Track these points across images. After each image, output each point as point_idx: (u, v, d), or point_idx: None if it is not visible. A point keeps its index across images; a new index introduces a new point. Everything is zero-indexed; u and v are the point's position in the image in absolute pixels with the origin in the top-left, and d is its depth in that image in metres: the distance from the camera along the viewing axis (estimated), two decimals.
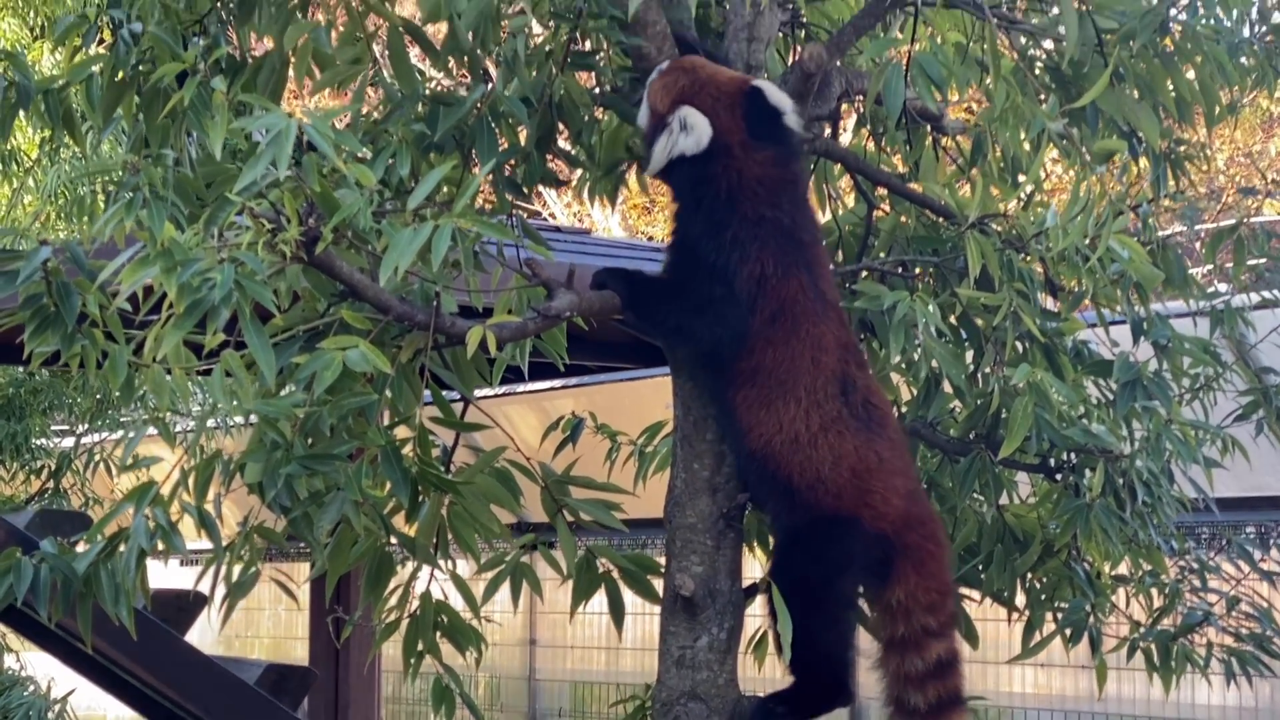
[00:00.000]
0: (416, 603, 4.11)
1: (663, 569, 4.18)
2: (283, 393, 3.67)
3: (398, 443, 3.73)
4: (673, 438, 4.22)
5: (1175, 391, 4.38)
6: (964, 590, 4.51)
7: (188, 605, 7.17)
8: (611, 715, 13.00)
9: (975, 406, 4.36)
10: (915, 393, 4.45)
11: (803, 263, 3.94)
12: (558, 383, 12.27)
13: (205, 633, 11.83)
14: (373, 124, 4.12)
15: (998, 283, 4.11)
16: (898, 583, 3.93)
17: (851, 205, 4.89)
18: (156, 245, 3.21)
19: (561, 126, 4.25)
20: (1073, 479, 4.27)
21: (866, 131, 4.77)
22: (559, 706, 15.07)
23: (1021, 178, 4.43)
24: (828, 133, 4.47)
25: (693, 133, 3.92)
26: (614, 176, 4.47)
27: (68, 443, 11.97)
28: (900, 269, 4.49)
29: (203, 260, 3.21)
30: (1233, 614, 4.64)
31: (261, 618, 17.20)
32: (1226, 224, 4.75)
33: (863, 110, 4.66)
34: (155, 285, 3.28)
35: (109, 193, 3.58)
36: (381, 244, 3.45)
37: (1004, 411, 4.18)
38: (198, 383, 3.64)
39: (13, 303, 3.51)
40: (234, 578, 3.76)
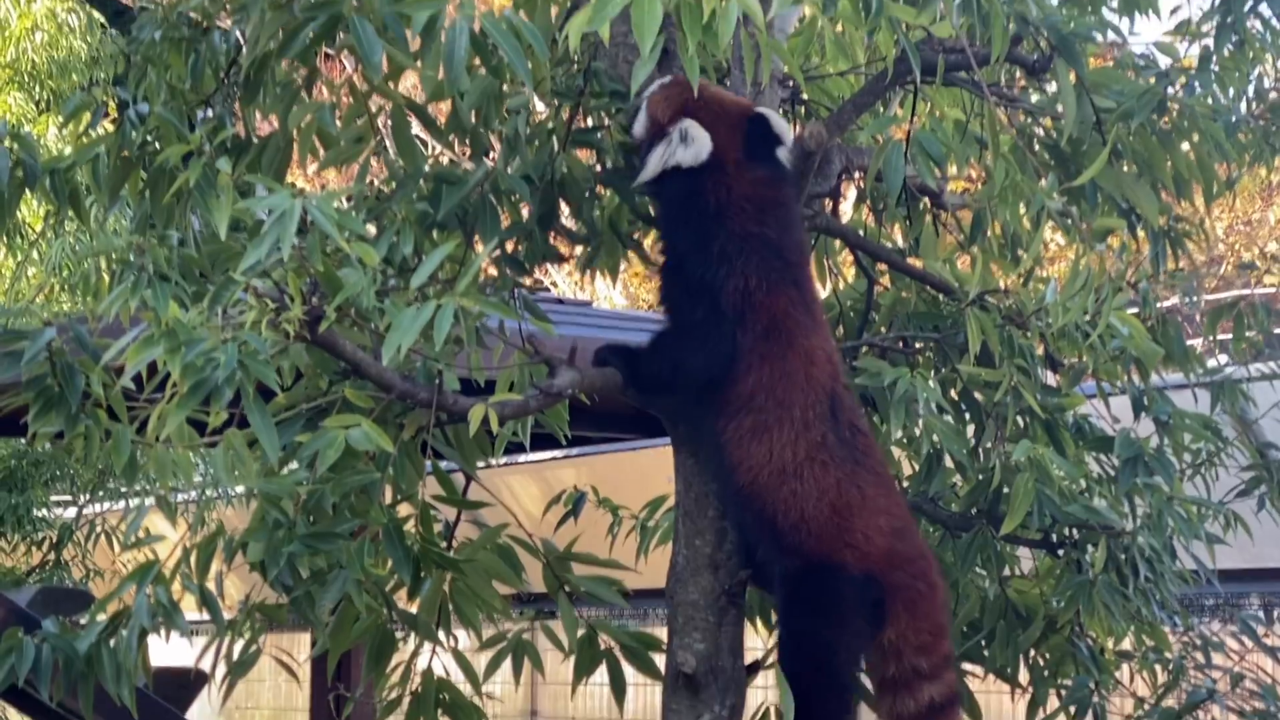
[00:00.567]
0: (418, 680, 4.10)
1: (664, 645, 4.17)
2: (285, 470, 3.68)
3: (400, 519, 3.73)
4: (675, 512, 4.23)
5: (1177, 467, 4.39)
6: (967, 666, 4.50)
7: (189, 683, 7.15)
8: None
9: (977, 482, 4.36)
10: (917, 468, 4.46)
11: (790, 279, 3.93)
12: (559, 453, 12.26)
13: (205, 705, 11.77)
14: (376, 200, 4.15)
15: (998, 359, 4.13)
16: (889, 623, 3.87)
17: (852, 280, 4.91)
18: (161, 325, 3.22)
19: (563, 203, 4.28)
20: (1075, 555, 4.27)
21: (867, 207, 4.81)
22: None
23: (1022, 254, 4.45)
24: (828, 209, 4.49)
25: (692, 145, 3.92)
26: (616, 251, 4.49)
27: (69, 513, 11.96)
28: (901, 345, 4.50)
29: (207, 340, 3.23)
30: (1237, 690, 4.63)
31: (262, 689, 17.11)
32: (1226, 297, 4.77)
33: (863, 186, 4.69)
34: (159, 364, 3.29)
35: (114, 270, 3.59)
36: (384, 322, 3.47)
37: (1005, 487, 4.18)
38: (201, 454, 3.65)
39: (16, 376, 3.53)
40: (235, 655, 3.76)
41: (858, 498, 3.88)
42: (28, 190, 4.02)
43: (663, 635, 4.21)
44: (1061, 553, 4.36)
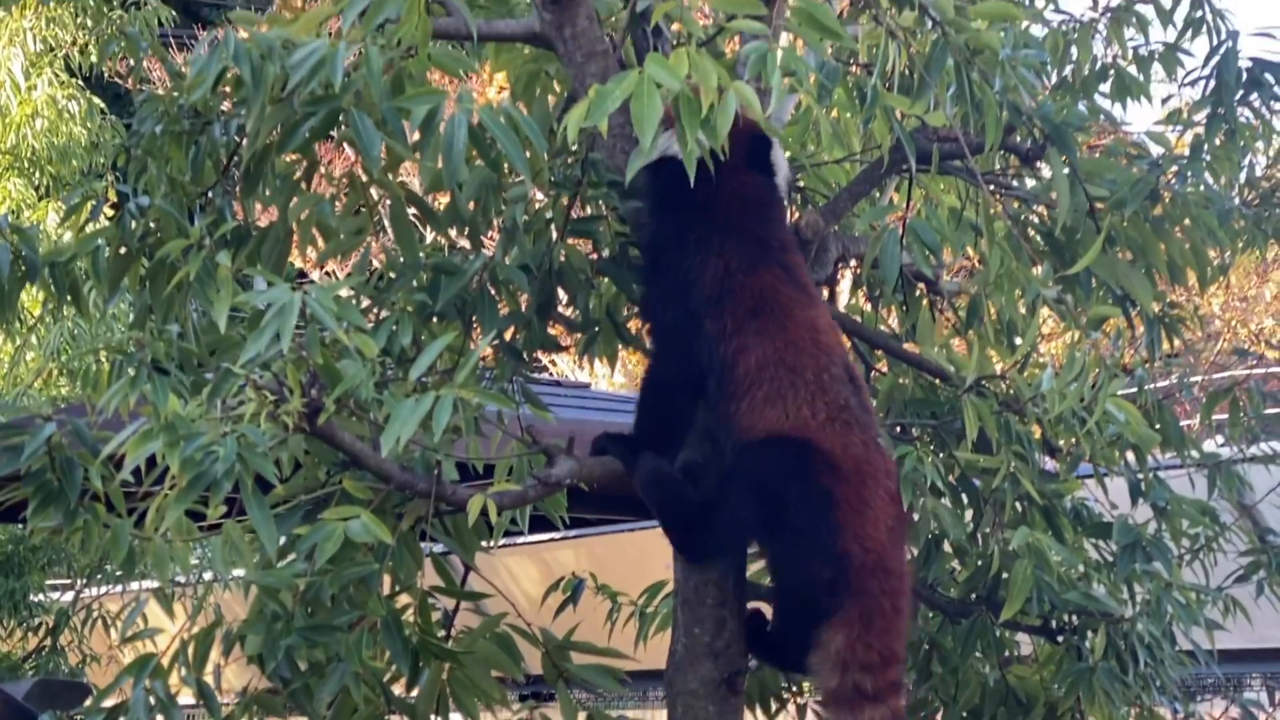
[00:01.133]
0: None
1: None
2: (284, 562, 3.68)
3: (398, 610, 3.73)
4: (673, 600, 4.22)
5: (1175, 553, 4.39)
6: None
7: None
8: None
9: (976, 568, 4.37)
10: (915, 553, 4.46)
11: (774, 261, 3.89)
12: (558, 535, 12.24)
13: None
14: (375, 290, 4.17)
15: (995, 445, 4.14)
16: (840, 626, 3.74)
17: None
18: (160, 419, 3.23)
19: (561, 292, 4.30)
20: (1075, 641, 4.26)
21: (863, 292, 4.83)
22: None
23: (1018, 340, 4.47)
24: (825, 296, 4.51)
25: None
26: (613, 340, 4.51)
27: (66, 598, 11.91)
28: (899, 430, 4.51)
29: (206, 434, 3.24)
30: None
31: None
32: (1222, 378, 4.79)
33: (859, 273, 4.71)
34: (158, 457, 3.30)
35: (113, 361, 3.61)
36: (383, 413, 3.48)
37: (1004, 573, 4.19)
38: (199, 539, 3.65)
39: (15, 469, 3.53)
40: None
41: (882, 471, 3.79)
42: (28, 283, 4.04)
43: None
44: (1061, 639, 4.35)
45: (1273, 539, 4.82)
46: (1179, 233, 4.31)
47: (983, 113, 3.81)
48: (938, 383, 4.53)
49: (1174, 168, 4.20)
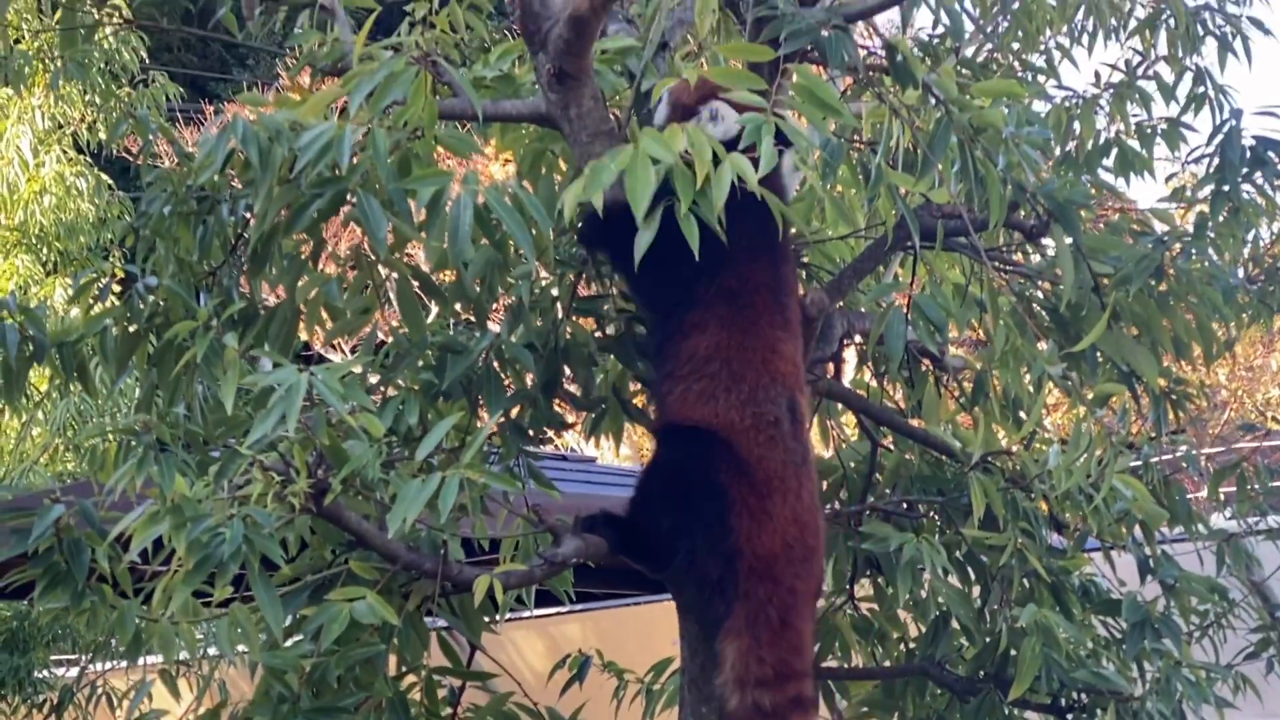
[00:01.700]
0: None
1: None
2: (290, 642, 3.67)
3: (404, 690, 3.71)
4: (680, 678, 4.20)
5: (1184, 630, 4.37)
6: None
7: None
8: None
9: (984, 645, 4.34)
10: (923, 630, 4.44)
11: (773, 260, 3.84)
12: (564, 609, 12.18)
13: None
14: (382, 367, 4.18)
15: (1002, 522, 4.13)
16: (730, 635, 3.73)
17: (855, 442, 4.93)
18: (167, 501, 3.24)
19: (567, 370, 4.31)
20: (1084, 719, 4.23)
21: (868, 368, 4.84)
22: None
23: (1023, 415, 4.47)
24: (830, 373, 4.52)
25: (721, 123, 3.87)
26: (619, 417, 4.51)
27: (71, 674, 11.85)
28: (905, 508, 4.51)
29: (212, 516, 3.24)
30: None
31: None
32: (1229, 450, 4.78)
33: (865, 349, 4.72)
34: (165, 539, 3.30)
35: (120, 441, 3.62)
36: (389, 493, 3.48)
37: (1013, 650, 4.16)
38: (205, 616, 3.64)
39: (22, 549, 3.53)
40: None
41: (792, 491, 3.77)
42: (36, 363, 4.05)
43: None
44: (1070, 717, 4.32)
45: None
46: (1184, 308, 4.32)
47: (986, 190, 3.82)
48: (944, 459, 4.53)
49: (1177, 245, 4.21)
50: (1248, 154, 4.31)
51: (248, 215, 4.00)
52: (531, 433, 4.30)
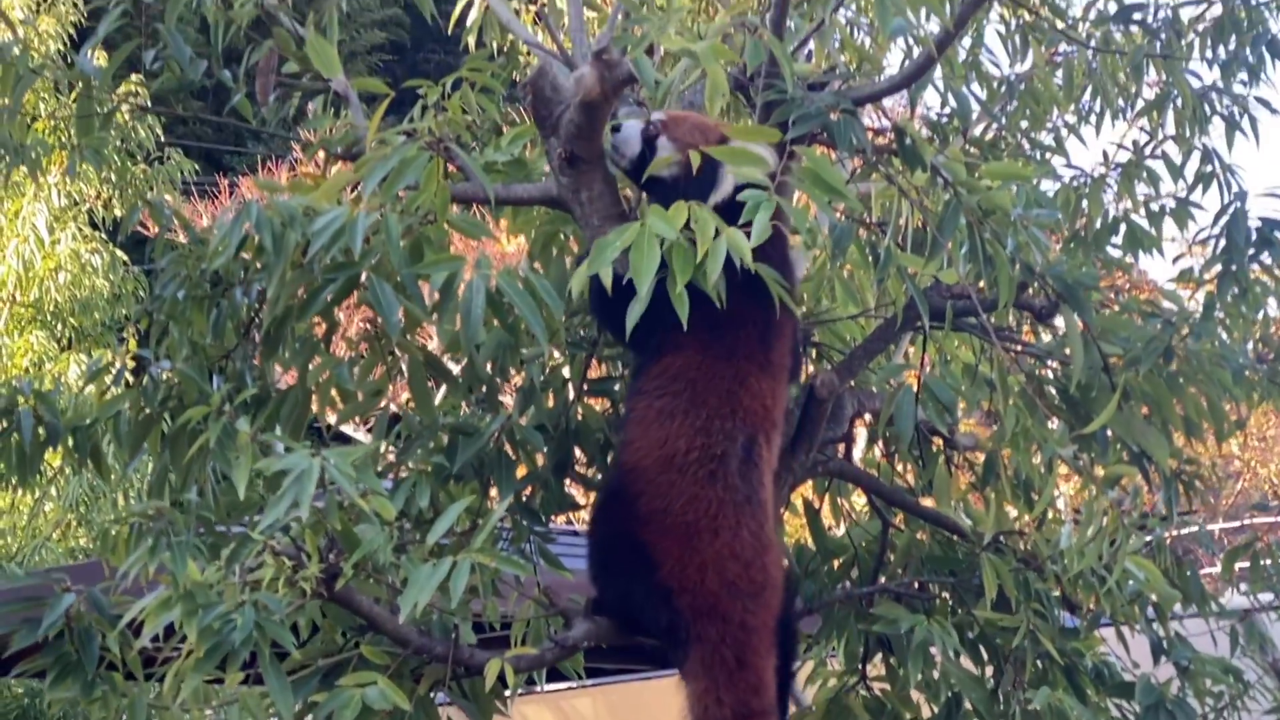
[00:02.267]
0: None
1: None
2: None
3: None
4: None
5: (1199, 712, 4.34)
6: None
7: None
8: None
9: None
10: (935, 711, 4.42)
11: (765, 306, 3.73)
12: (575, 682, 12.11)
13: None
14: (394, 444, 4.20)
15: (1015, 603, 4.12)
16: (689, 678, 3.73)
17: (866, 522, 4.92)
18: (178, 588, 3.24)
19: (578, 451, 4.32)
20: None
21: (879, 446, 4.83)
22: None
23: (1035, 496, 4.46)
24: (840, 453, 4.52)
25: (722, 186, 3.83)
26: None
27: None
28: (917, 588, 4.50)
29: (224, 603, 3.24)
30: None
31: None
32: (1240, 526, 4.77)
33: (875, 428, 4.72)
34: (176, 624, 3.30)
35: (133, 525, 3.63)
36: (401, 576, 3.48)
37: None
38: (216, 702, 3.64)
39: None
40: None
41: (727, 528, 3.75)
42: (50, 447, 4.07)
43: None
44: None
45: None
46: (1194, 389, 4.32)
47: (996, 270, 3.83)
48: (955, 539, 4.52)
49: (1186, 327, 4.21)
50: (1253, 235, 4.32)
51: (260, 299, 4.01)
52: (543, 515, 4.30)
